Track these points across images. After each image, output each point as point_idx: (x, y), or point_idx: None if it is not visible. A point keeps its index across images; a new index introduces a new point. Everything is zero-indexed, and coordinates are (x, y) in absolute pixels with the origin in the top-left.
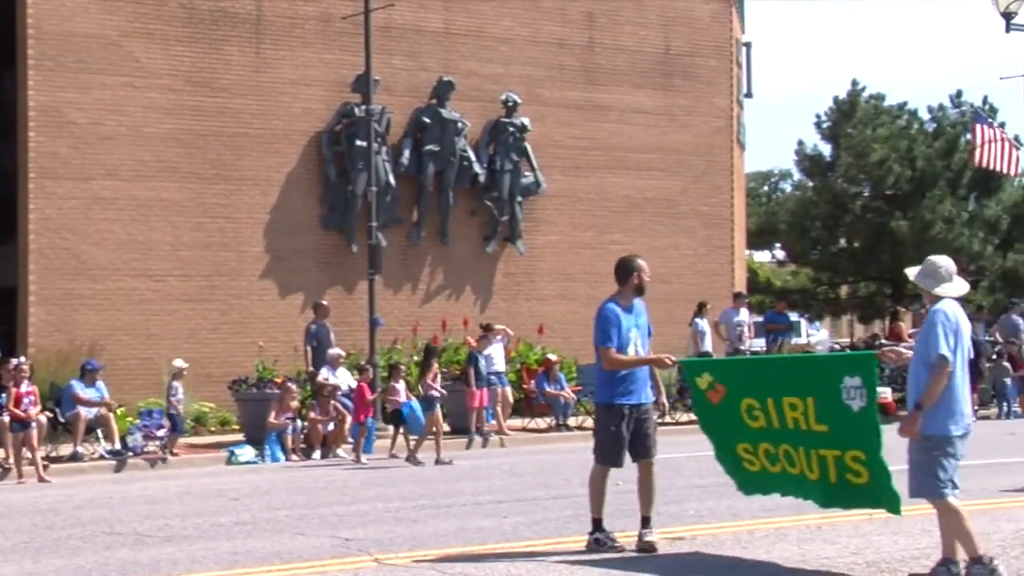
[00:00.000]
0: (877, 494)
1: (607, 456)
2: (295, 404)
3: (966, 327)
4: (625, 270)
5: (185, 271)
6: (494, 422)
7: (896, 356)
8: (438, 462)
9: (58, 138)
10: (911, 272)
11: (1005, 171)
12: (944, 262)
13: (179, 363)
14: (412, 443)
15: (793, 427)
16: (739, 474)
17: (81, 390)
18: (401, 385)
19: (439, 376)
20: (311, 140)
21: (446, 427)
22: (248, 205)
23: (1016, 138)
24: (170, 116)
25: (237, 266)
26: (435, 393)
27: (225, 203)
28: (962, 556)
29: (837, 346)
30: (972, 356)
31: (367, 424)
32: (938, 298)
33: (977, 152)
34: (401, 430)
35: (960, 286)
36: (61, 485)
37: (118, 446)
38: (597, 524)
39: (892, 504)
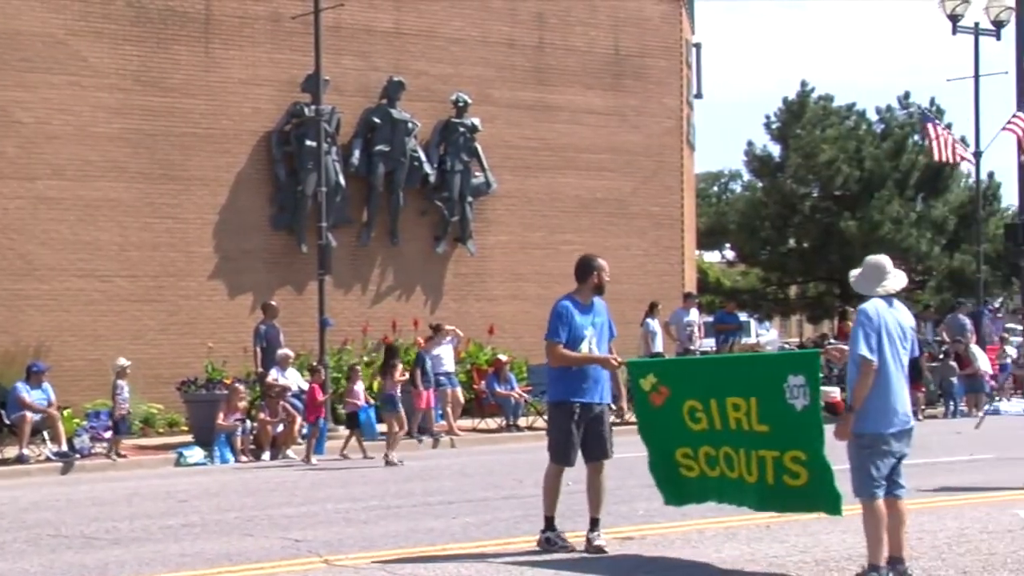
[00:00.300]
0: (815, 496)
1: (558, 455)
2: (244, 405)
3: (903, 324)
4: (585, 269)
5: (133, 271)
6: (444, 422)
7: (840, 354)
8: (388, 463)
9: (4, 137)
10: (853, 275)
11: (960, 160)
12: (877, 261)
13: (122, 361)
14: (391, 444)
15: (735, 428)
16: (672, 484)
17: (26, 392)
18: (360, 387)
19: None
20: (260, 140)
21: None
22: (197, 205)
23: (963, 139)
24: (118, 116)
25: (185, 266)
26: (397, 392)
27: (173, 203)
28: (907, 554)
29: (787, 345)
30: (916, 354)
31: (319, 425)
32: (868, 297)
33: (934, 146)
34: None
35: (895, 282)
36: (6, 488)
37: (65, 448)
38: (549, 523)
39: (832, 504)
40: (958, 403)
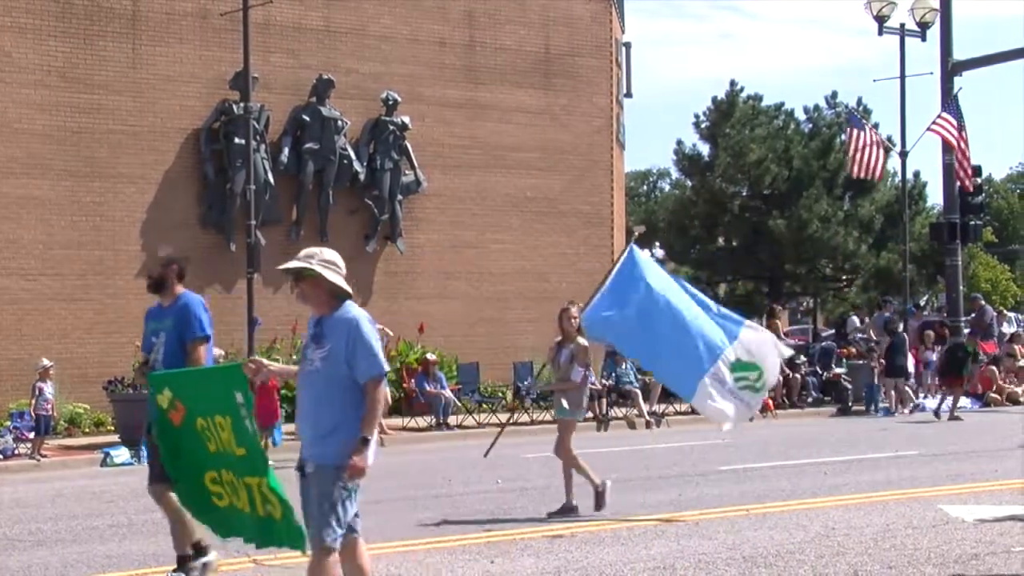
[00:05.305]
0: (289, 530)
1: None
2: None
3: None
4: None
5: (58, 270)
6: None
7: (256, 368)
8: None
9: None
10: (324, 270)
11: (874, 177)
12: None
13: (44, 362)
14: None
15: (225, 450)
16: (208, 514)
17: None
18: None
19: None
20: (189, 138)
21: None
22: (124, 203)
23: (889, 138)
24: (43, 112)
25: (112, 265)
26: None
27: (100, 201)
28: None
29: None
30: None
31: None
32: (343, 299)
33: (849, 160)
34: None
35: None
36: None
37: None
38: (180, 562)
39: (297, 541)
40: (879, 401)
